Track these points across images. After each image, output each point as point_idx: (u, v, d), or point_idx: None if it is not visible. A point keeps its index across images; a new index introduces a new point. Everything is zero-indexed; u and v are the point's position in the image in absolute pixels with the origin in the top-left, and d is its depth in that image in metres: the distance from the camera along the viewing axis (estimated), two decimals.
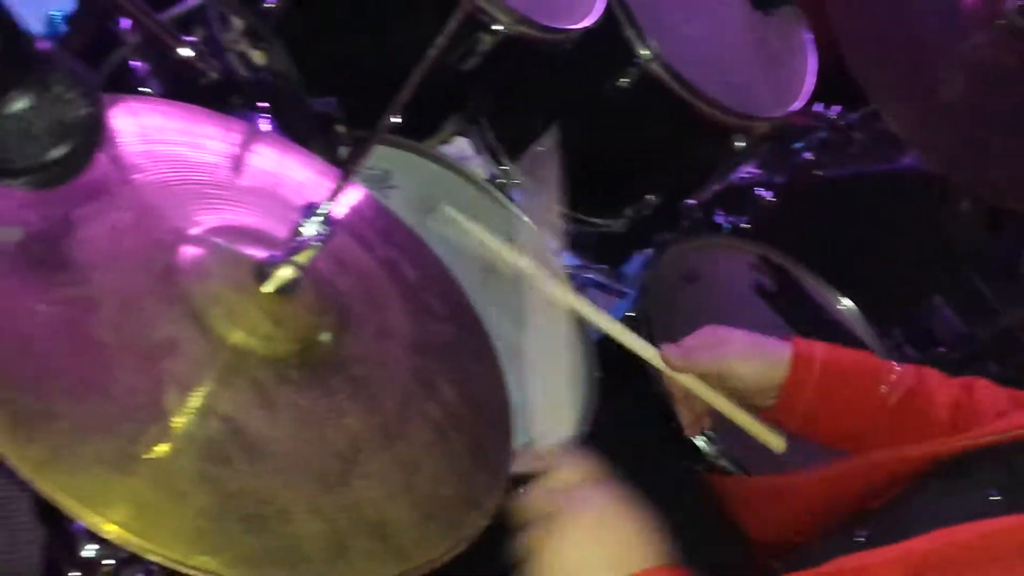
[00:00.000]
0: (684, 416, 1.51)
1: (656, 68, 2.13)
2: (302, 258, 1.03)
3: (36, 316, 0.90)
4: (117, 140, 1.07)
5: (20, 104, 0.76)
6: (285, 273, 1.03)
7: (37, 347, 0.88)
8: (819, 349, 1.45)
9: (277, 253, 1.04)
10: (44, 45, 0.77)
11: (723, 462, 1.69)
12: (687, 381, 1.46)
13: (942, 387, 1.43)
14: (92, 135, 0.81)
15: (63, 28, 1.77)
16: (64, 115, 0.78)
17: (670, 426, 1.55)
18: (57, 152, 0.78)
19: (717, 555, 1.48)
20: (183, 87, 1.51)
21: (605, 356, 1.70)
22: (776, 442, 1.47)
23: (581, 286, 2.32)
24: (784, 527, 1.47)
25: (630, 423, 1.69)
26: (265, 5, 1.78)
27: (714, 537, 1.53)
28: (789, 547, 1.43)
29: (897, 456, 1.32)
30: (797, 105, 2.34)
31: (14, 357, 0.87)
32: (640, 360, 1.49)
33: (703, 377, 1.46)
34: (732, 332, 1.46)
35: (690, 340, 1.47)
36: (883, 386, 1.42)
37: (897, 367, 1.44)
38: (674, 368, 1.45)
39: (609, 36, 2.14)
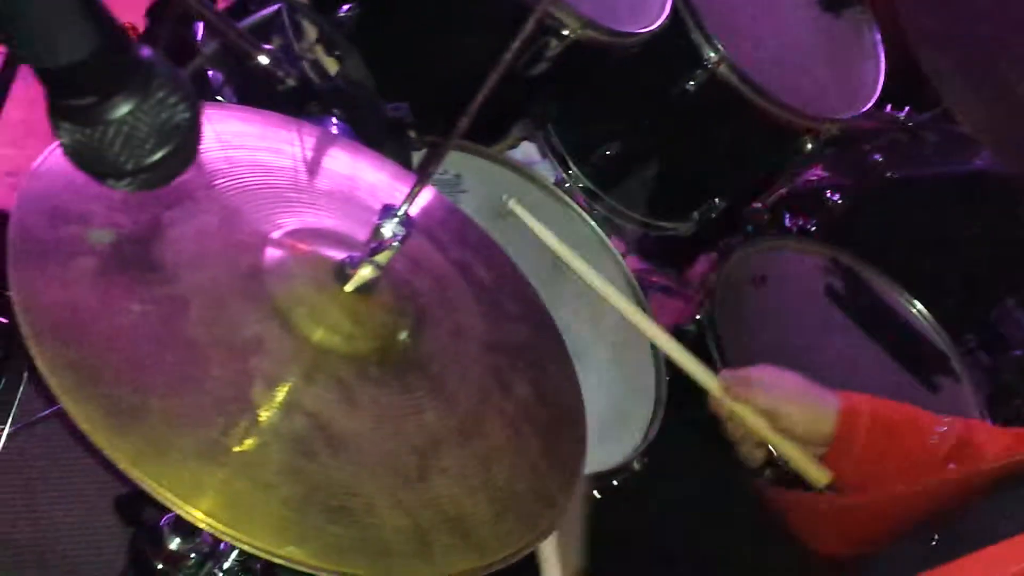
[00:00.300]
0: (743, 448, 1.52)
1: (723, 71, 2.13)
2: (382, 258, 1.05)
3: (130, 314, 0.93)
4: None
5: (125, 108, 0.80)
6: (365, 273, 1.05)
7: (132, 344, 0.92)
8: (865, 404, 1.46)
9: (356, 254, 1.07)
10: (146, 51, 0.80)
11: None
12: (737, 408, 1.47)
13: (993, 438, 1.43)
14: (192, 138, 0.84)
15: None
16: (167, 119, 0.81)
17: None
18: (160, 154, 0.82)
19: (766, 560, 1.50)
20: (259, 94, 1.54)
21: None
22: (821, 477, 1.47)
23: (647, 290, 2.32)
24: (855, 541, 1.47)
25: (692, 430, 1.70)
26: (340, 15, 1.82)
27: (764, 546, 1.55)
28: (859, 555, 1.43)
29: (973, 471, 1.32)
30: (866, 106, 2.32)
31: (110, 353, 0.90)
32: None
33: (757, 412, 1.47)
34: (786, 374, 1.49)
35: (751, 372, 1.48)
36: (933, 437, 1.43)
37: (945, 419, 1.45)
38: (731, 397, 1.47)
39: (676, 39, 2.14)
